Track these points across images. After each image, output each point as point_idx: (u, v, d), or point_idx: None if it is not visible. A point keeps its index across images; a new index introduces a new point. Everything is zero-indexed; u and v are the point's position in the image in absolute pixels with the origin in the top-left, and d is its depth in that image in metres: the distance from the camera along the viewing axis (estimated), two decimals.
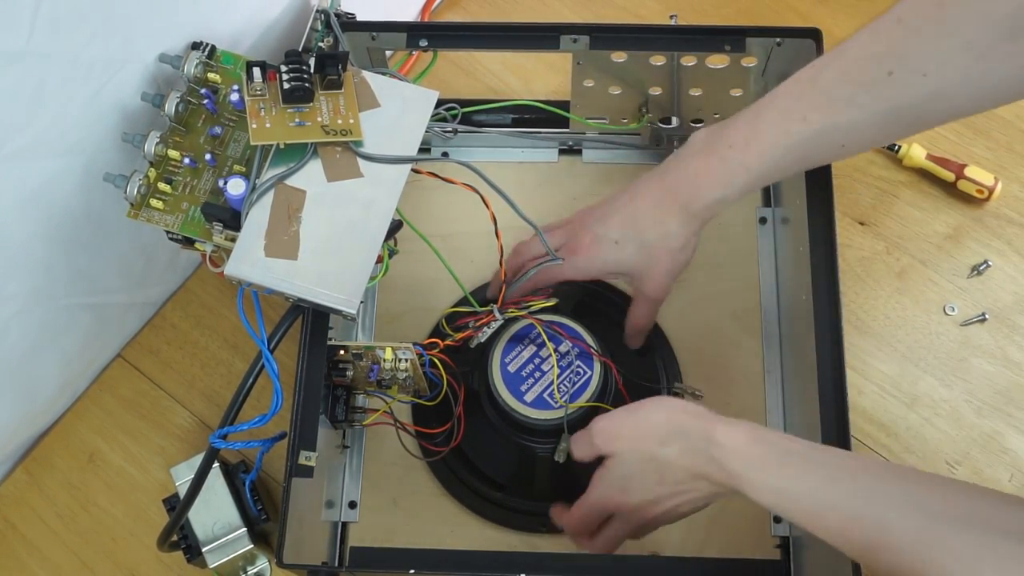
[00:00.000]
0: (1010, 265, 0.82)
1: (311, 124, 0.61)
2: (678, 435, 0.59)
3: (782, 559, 0.72)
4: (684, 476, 0.59)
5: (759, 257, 0.81)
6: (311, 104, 0.62)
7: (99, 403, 0.81)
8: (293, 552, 0.63)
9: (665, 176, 0.66)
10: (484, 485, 0.75)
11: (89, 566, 0.76)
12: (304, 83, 0.61)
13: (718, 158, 0.63)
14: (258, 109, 0.61)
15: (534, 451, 0.72)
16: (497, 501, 0.74)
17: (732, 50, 0.73)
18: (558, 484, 0.71)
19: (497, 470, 0.75)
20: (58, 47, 0.56)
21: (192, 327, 0.83)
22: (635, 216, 0.66)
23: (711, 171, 0.63)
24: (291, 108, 0.62)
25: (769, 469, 0.55)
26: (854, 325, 0.80)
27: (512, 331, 0.71)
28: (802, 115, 0.59)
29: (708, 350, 0.78)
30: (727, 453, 0.56)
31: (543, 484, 0.74)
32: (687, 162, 0.65)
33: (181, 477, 0.72)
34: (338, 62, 0.62)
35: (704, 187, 0.64)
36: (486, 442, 0.74)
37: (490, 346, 0.71)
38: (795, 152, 0.61)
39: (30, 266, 0.66)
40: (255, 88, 0.62)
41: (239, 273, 0.59)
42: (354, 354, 0.66)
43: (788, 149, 0.60)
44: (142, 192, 0.62)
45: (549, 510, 0.70)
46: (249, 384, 0.59)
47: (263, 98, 0.62)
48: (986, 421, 0.77)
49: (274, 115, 0.61)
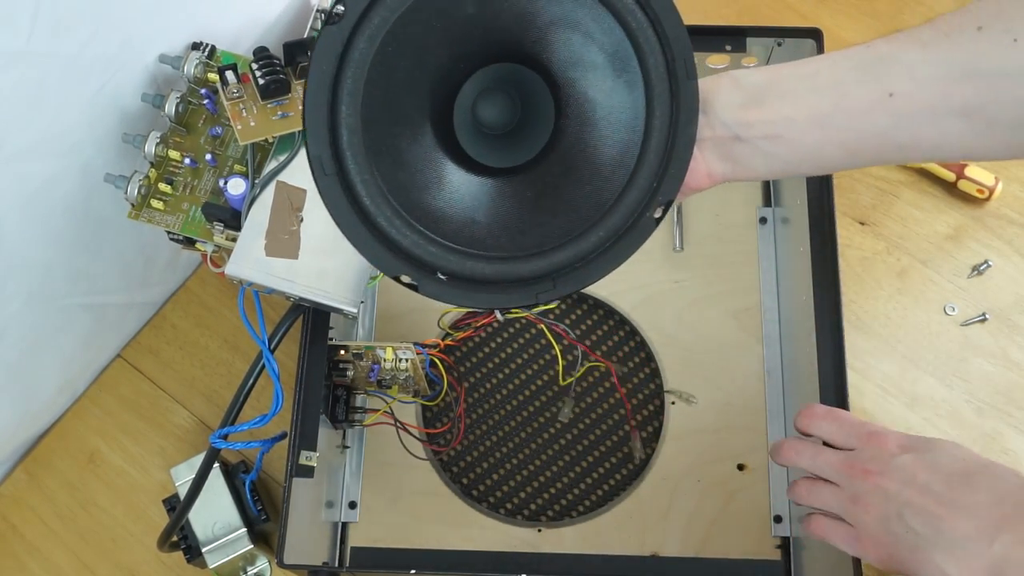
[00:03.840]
0: (1010, 265, 0.82)
1: (294, 114, 0.62)
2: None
3: (782, 559, 0.72)
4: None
5: (759, 257, 0.81)
6: (289, 95, 0.62)
7: (99, 403, 0.81)
8: (294, 552, 0.63)
9: None
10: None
11: (89, 566, 0.76)
12: (278, 75, 0.61)
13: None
14: (239, 110, 0.62)
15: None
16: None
17: (732, 50, 0.73)
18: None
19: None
20: (58, 47, 0.56)
21: (192, 327, 0.83)
22: None
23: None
24: (271, 103, 0.62)
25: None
26: (854, 325, 0.80)
27: None
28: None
29: (708, 350, 0.78)
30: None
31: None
32: None
33: (181, 477, 0.72)
34: (306, 48, 0.62)
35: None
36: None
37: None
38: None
39: (30, 266, 0.66)
40: (231, 91, 0.62)
41: (240, 273, 0.59)
42: (354, 354, 0.66)
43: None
44: (143, 193, 0.62)
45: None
46: (250, 384, 0.60)
47: (241, 99, 0.62)
48: (987, 421, 0.77)
49: (256, 113, 0.62)
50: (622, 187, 0.51)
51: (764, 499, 0.73)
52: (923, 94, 0.51)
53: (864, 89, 0.52)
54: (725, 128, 0.54)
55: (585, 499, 0.76)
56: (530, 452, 0.77)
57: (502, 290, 0.51)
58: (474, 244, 0.51)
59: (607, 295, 0.79)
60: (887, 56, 0.52)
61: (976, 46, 0.50)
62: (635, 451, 0.76)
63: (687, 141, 0.51)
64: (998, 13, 0.50)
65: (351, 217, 0.50)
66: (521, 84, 0.55)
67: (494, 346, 0.80)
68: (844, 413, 0.60)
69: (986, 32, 0.50)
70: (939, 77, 0.51)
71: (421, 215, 0.51)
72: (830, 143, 0.53)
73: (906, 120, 0.52)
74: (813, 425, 0.60)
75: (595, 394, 0.78)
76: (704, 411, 0.76)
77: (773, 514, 0.73)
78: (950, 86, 0.51)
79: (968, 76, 0.50)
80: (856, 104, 0.52)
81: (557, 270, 0.51)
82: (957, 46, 0.50)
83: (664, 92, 0.51)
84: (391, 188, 0.51)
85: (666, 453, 0.75)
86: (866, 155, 0.54)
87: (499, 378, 0.79)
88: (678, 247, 0.80)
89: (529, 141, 0.55)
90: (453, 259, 0.51)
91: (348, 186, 0.50)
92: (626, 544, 0.73)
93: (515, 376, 0.79)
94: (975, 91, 0.50)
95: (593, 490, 0.76)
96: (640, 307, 0.79)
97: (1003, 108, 0.50)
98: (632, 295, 0.79)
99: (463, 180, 0.54)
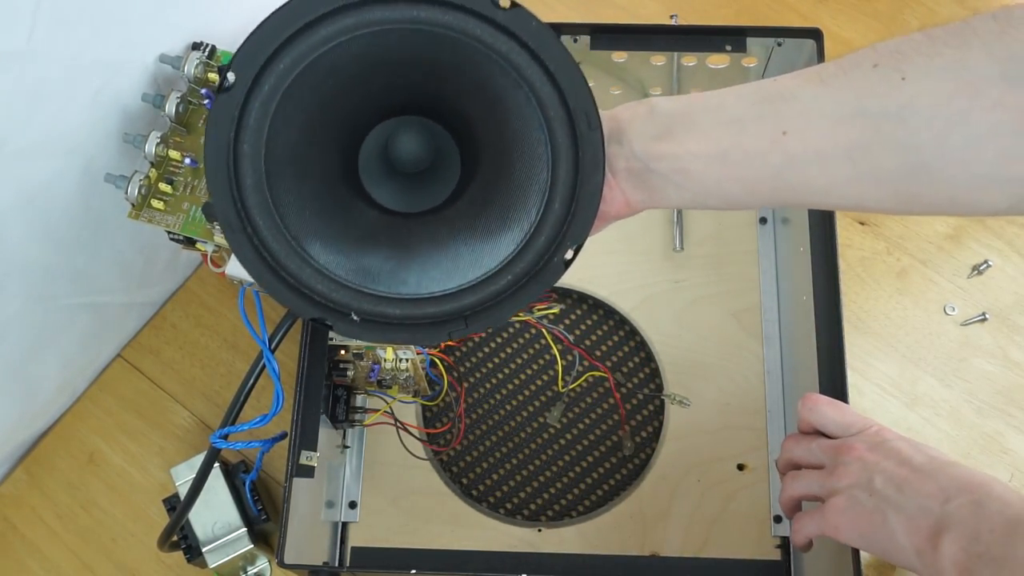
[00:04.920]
0: (1011, 265, 0.82)
1: None
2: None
3: (782, 559, 0.72)
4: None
5: (759, 257, 0.81)
6: None
7: (99, 403, 0.81)
8: (294, 552, 0.63)
9: None
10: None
11: (89, 566, 0.76)
12: None
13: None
14: None
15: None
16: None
17: (733, 50, 0.73)
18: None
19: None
20: (58, 47, 0.56)
21: (192, 327, 0.83)
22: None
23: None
24: None
25: None
26: (854, 325, 0.80)
27: None
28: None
29: (708, 350, 0.78)
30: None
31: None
32: None
33: (181, 477, 0.72)
34: None
35: None
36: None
37: None
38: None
39: (30, 266, 0.66)
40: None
41: (240, 273, 0.58)
42: (355, 354, 0.66)
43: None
44: (143, 193, 0.62)
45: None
46: (250, 384, 0.59)
47: None
48: (986, 421, 0.77)
49: None
50: (529, 234, 0.52)
51: (764, 499, 0.73)
52: (813, 134, 0.49)
53: (762, 126, 0.50)
54: (637, 160, 0.53)
55: (585, 499, 0.76)
56: (530, 452, 0.77)
57: (415, 329, 0.53)
58: (384, 284, 0.53)
59: (607, 295, 0.79)
60: (787, 92, 0.50)
61: (866, 84, 0.48)
62: (624, 442, 0.76)
63: (593, 189, 0.52)
64: (895, 52, 0.48)
65: (261, 268, 0.52)
66: (428, 132, 0.57)
67: (494, 346, 0.80)
68: (846, 404, 0.60)
69: (879, 70, 0.48)
70: (828, 115, 0.49)
71: (333, 260, 0.53)
72: (730, 179, 0.52)
73: (797, 160, 0.50)
74: (816, 411, 0.59)
75: (595, 394, 0.78)
76: (704, 411, 0.76)
77: (773, 514, 0.73)
78: (838, 126, 0.49)
79: (854, 116, 0.48)
80: (753, 142, 0.51)
81: (468, 309, 0.53)
82: (850, 84, 0.49)
83: (567, 143, 0.52)
84: (300, 237, 0.52)
85: (666, 453, 0.75)
86: (763, 195, 0.52)
87: (499, 378, 0.79)
88: (678, 247, 0.80)
89: (438, 187, 0.57)
90: (365, 302, 0.52)
91: (258, 239, 0.52)
92: (626, 544, 0.73)
93: (515, 376, 0.79)
94: (860, 132, 0.48)
95: (593, 490, 0.76)
96: (640, 307, 0.79)
97: (886, 152, 0.48)
98: (632, 295, 0.79)
99: (374, 224, 0.55)
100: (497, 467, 0.77)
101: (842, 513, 0.54)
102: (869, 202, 0.51)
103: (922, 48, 0.47)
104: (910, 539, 0.51)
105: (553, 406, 0.77)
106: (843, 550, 0.62)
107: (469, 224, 0.54)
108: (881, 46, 0.49)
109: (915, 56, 0.47)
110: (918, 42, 0.48)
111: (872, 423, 0.58)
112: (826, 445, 0.58)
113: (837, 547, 0.61)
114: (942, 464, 0.53)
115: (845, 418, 0.58)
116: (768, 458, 0.74)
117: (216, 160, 0.51)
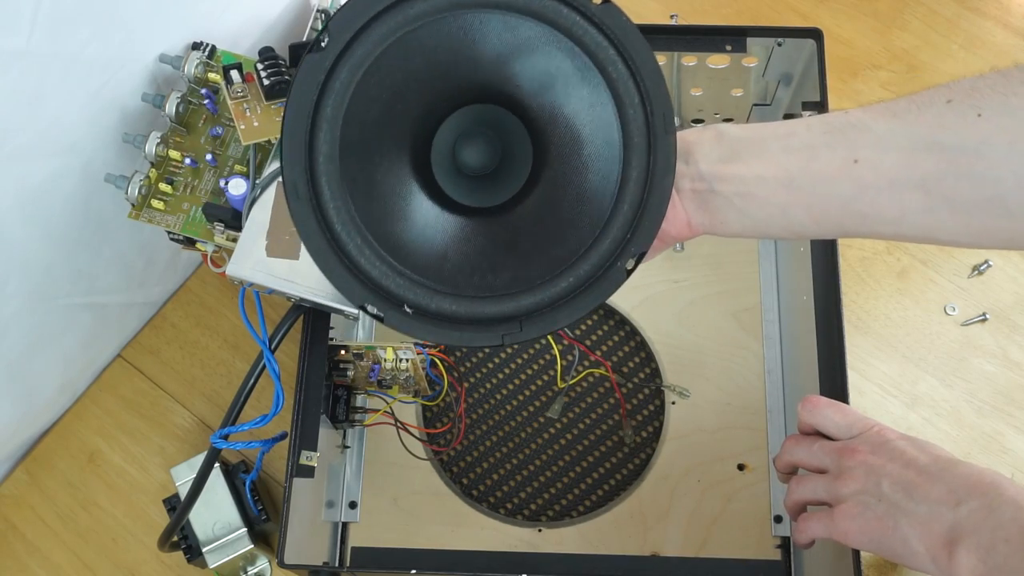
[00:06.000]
0: (1011, 265, 0.82)
1: None
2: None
3: (782, 559, 0.72)
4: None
5: (759, 257, 0.81)
6: None
7: (99, 403, 0.81)
8: (294, 552, 0.63)
9: None
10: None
11: (89, 566, 0.76)
12: (283, 76, 0.61)
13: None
14: (243, 110, 0.62)
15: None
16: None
17: (733, 50, 0.73)
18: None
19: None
20: (58, 47, 0.56)
21: (192, 327, 0.83)
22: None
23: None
24: (275, 104, 0.62)
25: None
26: (854, 325, 0.80)
27: None
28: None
29: (708, 350, 0.78)
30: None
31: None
32: None
33: (181, 477, 0.72)
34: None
35: None
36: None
37: None
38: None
39: (30, 266, 0.66)
40: (236, 91, 0.62)
41: (241, 273, 0.58)
42: (355, 354, 0.66)
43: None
44: (143, 193, 0.62)
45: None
46: (251, 384, 0.59)
47: (246, 99, 0.62)
48: (987, 421, 0.77)
49: (260, 113, 0.62)
50: (595, 236, 0.51)
51: (764, 499, 0.73)
52: (886, 163, 0.50)
53: (832, 153, 0.51)
54: (703, 180, 0.53)
55: (585, 499, 0.76)
56: (530, 452, 0.77)
57: (467, 328, 0.51)
58: (443, 280, 0.52)
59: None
60: (858, 123, 0.51)
61: (942, 119, 0.49)
62: (626, 436, 0.76)
63: (662, 194, 0.51)
64: (970, 90, 0.49)
65: (321, 242, 0.50)
66: (501, 126, 0.55)
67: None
68: (847, 405, 0.60)
69: (954, 106, 0.49)
70: (902, 147, 0.49)
71: (392, 247, 0.51)
72: (797, 205, 0.52)
73: (869, 189, 0.50)
74: (817, 413, 0.60)
75: (595, 394, 0.78)
76: (704, 411, 0.76)
77: (773, 514, 0.73)
78: (912, 157, 0.49)
79: (929, 148, 0.49)
80: (823, 168, 0.51)
81: (524, 313, 0.51)
82: (924, 118, 0.49)
83: (642, 144, 0.51)
84: (364, 217, 0.51)
85: (666, 453, 0.75)
86: (830, 223, 0.53)
87: (499, 378, 0.79)
88: (678, 247, 0.80)
89: (506, 183, 0.56)
90: (421, 293, 0.51)
91: (321, 212, 0.50)
92: (626, 544, 0.73)
93: (515, 376, 0.79)
94: (935, 164, 0.49)
95: (593, 490, 0.76)
96: (640, 307, 0.79)
97: (960, 184, 0.48)
98: (632, 295, 0.79)
99: (437, 216, 0.54)
100: (497, 467, 0.77)
101: (852, 520, 0.54)
102: (941, 233, 0.51)
103: (997, 87, 0.48)
104: (924, 545, 0.52)
105: (554, 401, 0.77)
106: (843, 550, 0.62)
107: (533, 224, 0.53)
108: (954, 84, 0.50)
109: (990, 94, 0.48)
110: (993, 80, 0.49)
111: (873, 423, 0.58)
112: (828, 447, 0.58)
113: (837, 547, 0.61)
114: (948, 464, 0.54)
115: (846, 419, 0.59)
116: (768, 458, 0.74)
117: (295, 123, 0.49)
